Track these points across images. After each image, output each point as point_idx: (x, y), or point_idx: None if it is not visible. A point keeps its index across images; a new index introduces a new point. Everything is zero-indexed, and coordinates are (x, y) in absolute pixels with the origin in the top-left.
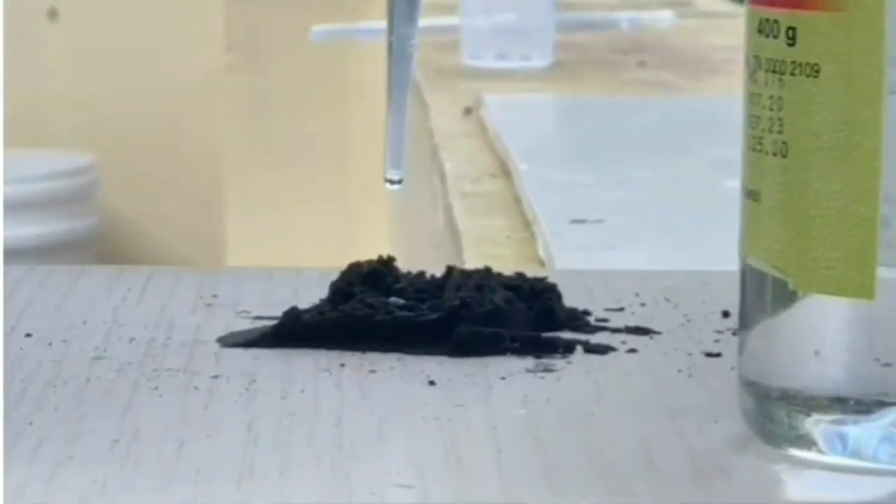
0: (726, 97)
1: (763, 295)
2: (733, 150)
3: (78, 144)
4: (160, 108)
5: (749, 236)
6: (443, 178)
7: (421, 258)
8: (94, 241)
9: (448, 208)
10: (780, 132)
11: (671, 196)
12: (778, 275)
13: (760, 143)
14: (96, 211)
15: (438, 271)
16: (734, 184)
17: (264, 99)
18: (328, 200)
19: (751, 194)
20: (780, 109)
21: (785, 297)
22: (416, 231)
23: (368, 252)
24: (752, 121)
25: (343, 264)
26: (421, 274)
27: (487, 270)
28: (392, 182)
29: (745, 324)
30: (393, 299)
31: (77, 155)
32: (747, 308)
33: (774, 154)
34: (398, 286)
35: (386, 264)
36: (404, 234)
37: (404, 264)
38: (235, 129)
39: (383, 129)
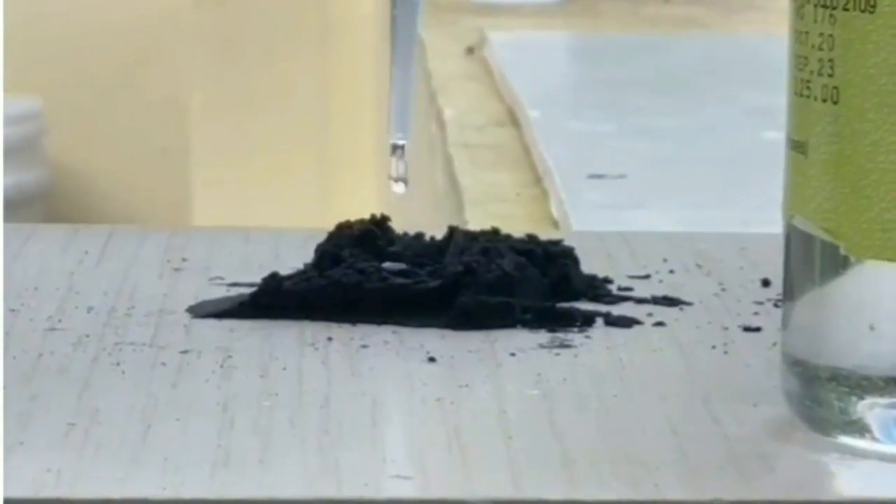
0: (763, 35)
1: (811, 261)
2: (772, 95)
3: (22, 86)
4: (117, 45)
5: (795, 194)
6: (442, 127)
7: (416, 219)
8: (40, 197)
9: (448, 161)
10: (830, 75)
11: (702, 148)
12: (828, 238)
13: (808, 88)
14: (43, 163)
15: (438, 233)
16: (773, 134)
17: (237, 36)
18: (308, 152)
19: (797, 146)
20: (830, 49)
21: (836, 263)
22: (411, 188)
23: (354, 212)
24: (799, 62)
25: (326, 225)
26: (419, 236)
27: (495, 232)
28: (396, 180)
29: (789, 294)
30: (387, 264)
31: (21, 98)
32: (792, 276)
33: (824, 100)
34: (393, 249)
35: (379, 224)
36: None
37: (397, 226)
38: (204, 70)
39: (371, 72)
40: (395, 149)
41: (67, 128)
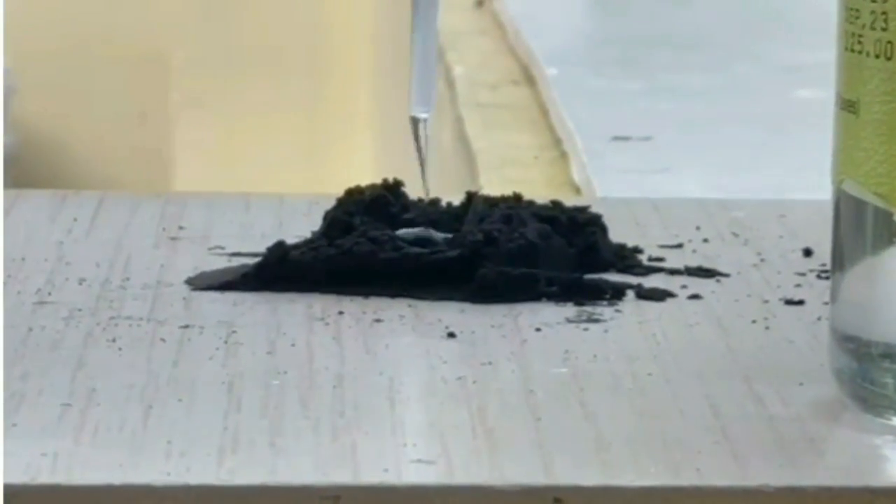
0: None
1: (862, 229)
2: (807, 51)
3: None
4: None
5: (845, 157)
6: (451, 85)
7: (419, 185)
8: (10, 163)
9: (459, 122)
10: (884, 29)
11: (733, 108)
12: (881, 204)
13: (860, 43)
14: (12, 126)
15: (451, 199)
16: (808, 93)
17: None
18: (298, 113)
19: (847, 105)
20: (884, 1)
21: (889, 231)
22: (413, 151)
23: (347, 177)
24: (850, 15)
25: (318, 191)
26: (435, 202)
27: (516, 198)
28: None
29: (838, 265)
30: (402, 232)
31: None
32: (842, 245)
33: (877, 55)
34: (407, 216)
35: (392, 190)
36: (397, 155)
37: None
38: (185, 23)
39: (367, 25)
40: (416, 122)
41: (39, 89)
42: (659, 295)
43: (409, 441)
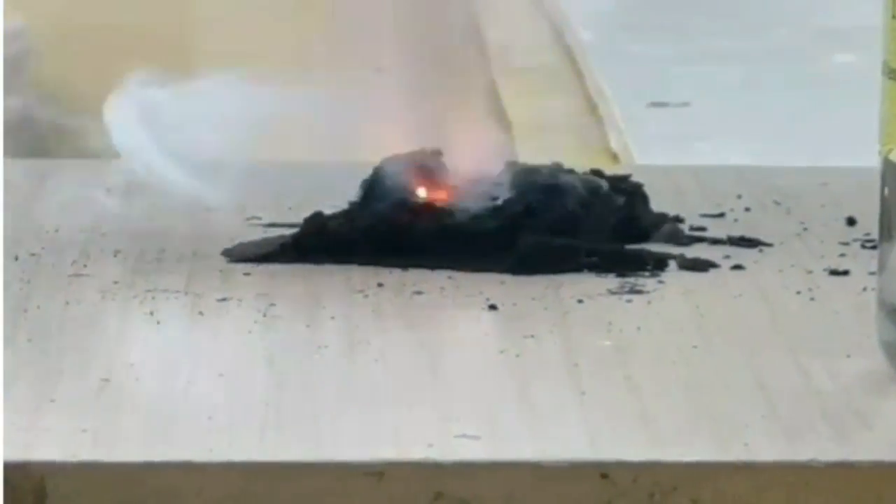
0: None
1: None
2: (844, 15)
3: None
4: None
5: (892, 126)
6: (483, 50)
7: None
8: (26, 126)
9: (491, 88)
10: None
11: (770, 73)
12: None
13: None
14: (28, 88)
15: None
16: (846, 58)
17: None
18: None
19: (894, 73)
20: None
21: None
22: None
23: (384, 145)
24: None
25: (349, 158)
26: None
27: (557, 167)
28: None
29: (886, 234)
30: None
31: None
32: (889, 215)
33: None
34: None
35: (431, 158)
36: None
37: None
38: None
39: None
40: None
41: (56, 47)
42: (702, 265)
43: (453, 415)
